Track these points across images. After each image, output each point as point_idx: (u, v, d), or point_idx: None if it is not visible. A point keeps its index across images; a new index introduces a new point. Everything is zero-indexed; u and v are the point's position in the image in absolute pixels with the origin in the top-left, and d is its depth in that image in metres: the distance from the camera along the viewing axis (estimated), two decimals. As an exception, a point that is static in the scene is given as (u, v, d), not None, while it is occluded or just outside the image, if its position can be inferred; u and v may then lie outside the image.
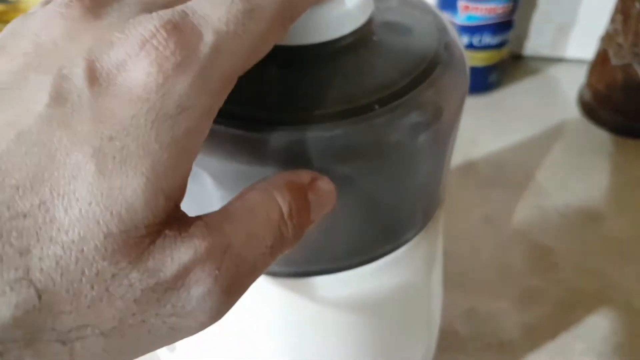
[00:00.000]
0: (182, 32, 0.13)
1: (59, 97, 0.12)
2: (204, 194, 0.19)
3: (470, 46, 0.55)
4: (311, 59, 0.18)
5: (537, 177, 0.50)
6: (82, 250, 0.12)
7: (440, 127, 0.19)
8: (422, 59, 0.19)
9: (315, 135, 0.17)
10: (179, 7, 0.13)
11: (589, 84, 0.56)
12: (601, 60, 0.53)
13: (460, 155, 0.52)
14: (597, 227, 0.45)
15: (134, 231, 0.12)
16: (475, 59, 0.56)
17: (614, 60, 0.51)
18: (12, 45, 0.13)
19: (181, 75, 0.13)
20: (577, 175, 0.50)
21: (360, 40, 0.19)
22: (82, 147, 0.12)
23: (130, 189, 0.12)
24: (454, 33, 0.22)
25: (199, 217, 0.14)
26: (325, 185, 0.17)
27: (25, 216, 0.11)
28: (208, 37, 0.13)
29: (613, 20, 0.51)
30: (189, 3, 0.14)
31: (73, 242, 0.12)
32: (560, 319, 0.39)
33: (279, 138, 0.17)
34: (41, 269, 0.11)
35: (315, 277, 0.22)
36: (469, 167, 0.51)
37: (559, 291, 0.41)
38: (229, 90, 0.14)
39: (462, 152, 0.52)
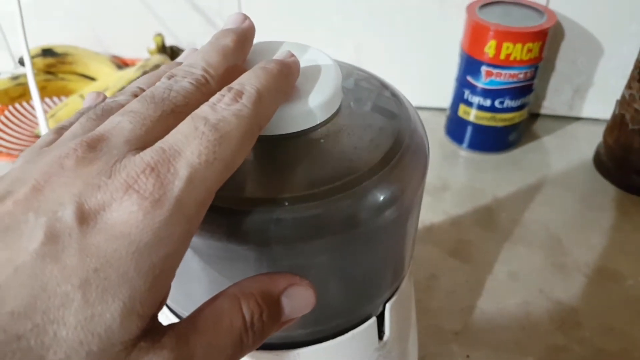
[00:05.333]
0: (159, 172, 0.15)
1: (52, 235, 0.14)
2: (187, 265, 0.20)
3: (492, 108, 0.58)
4: (283, 147, 0.21)
5: (557, 234, 0.52)
6: None
7: (403, 203, 0.21)
8: (385, 145, 0.22)
9: (288, 216, 0.19)
10: (157, 145, 0.16)
11: (606, 144, 0.58)
12: (618, 123, 0.56)
13: (483, 211, 0.54)
14: (618, 287, 0.47)
15: (111, 348, 0.14)
16: (496, 120, 0.59)
17: (632, 125, 0.54)
18: (17, 191, 0.15)
19: (159, 210, 0.15)
20: (596, 234, 0.52)
21: (330, 129, 0.21)
22: (70, 279, 0.14)
23: (109, 313, 0.14)
24: (415, 118, 0.24)
25: (170, 327, 0.16)
26: (302, 290, 0.19)
27: (19, 338, 0.13)
28: (182, 172, 0.15)
29: (630, 86, 0.54)
30: (166, 138, 0.16)
31: None
32: (585, 378, 0.40)
33: (253, 219, 0.19)
34: None
35: (289, 350, 0.24)
36: (492, 223, 0.53)
37: (583, 350, 0.42)
38: (205, 210, 0.16)
39: (485, 207, 0.55)
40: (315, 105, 0.21)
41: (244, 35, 0.21)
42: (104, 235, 0.14)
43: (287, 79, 0.20)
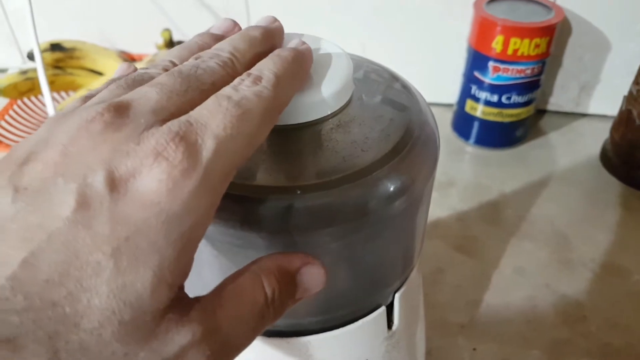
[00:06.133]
0: (187, 142, 0.15)
1: (83, 202, 0.14)
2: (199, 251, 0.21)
3: (499, 104, 0.58)
4: (296, 136, 0.21)
5: (562, 229, 0.52)
6: (101, 335, 0.14)
7: (413, 193, 0.22)
8: (396, 136, 0.22)
9: (300, 205, 0.19)
10: (184, 118, 0.16)
11: (612, 140, 0.58)
12: (625, 119, 0.56)
13: (489, 207, 0.54)
14: (623, 282, 0.47)
15: (142, 317, 0.14)
16: (503, 116, 0.59)
17: (639, 121, 0.54)
18: (44, 153, 0.15)
19: (187, 180, 0.15)
20: (602, 230, 0.52)
21: (342, 119, 0.22)
22: (102, 247, 0.14)
23: (140, 283, 0.14)
24: (426, 110, 0.24)
25: (197, 300, 0.16)
26: (315, 269, 0.19)
27: (54, 305, 0.13)
28: (209, 144, 0.16)
29: (637, 82, 0.54)
30: (192, 112, 0.16)
31: (94, 328, 0.14)
32: (590, 372, 0.41)
33: (266, 207, 0.19)
34: (67, 350, 0.13)
35: (300, 337, 0.24)
36: (498, 218, 0.53)
37: (588, 344, 0.42)
38: (228, 183, 0.17)
39: (491, 203, 0.55)
40: (327, 95, 0.21)
41: (271, 32, 0.22)
42: (134, 203, 0.14)
43: (301, 65, 0.20)
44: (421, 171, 0.22)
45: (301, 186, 0.19)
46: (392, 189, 0.21)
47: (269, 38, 0.21)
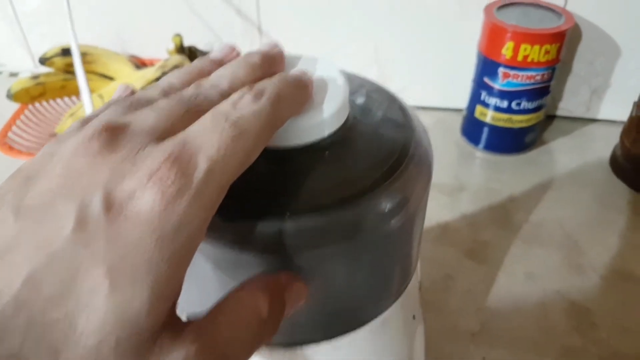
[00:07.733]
0: (181, 163, 0.16)
1: (81, 222, 0.15)
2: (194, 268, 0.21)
3: (509, 110, 0.58)
4: (292, 158, 0.21)
5: (573, 235, 0.52)
6: (100, 351, 0.14)
7: (408, 211, 0.22)
8: (390, 156, 0.22)
9: (294, 227, 0.20)
10: (179, 137, 0.17)
11: (622, 146, 0.58)
12: (636, 124, 0.56)
13: (500, 212, 0.54)
14: (634, 288, 0.47)
15: (139, 335, 0.15)
16: (513, 122, 0.59)
17: (649, 127, 0.54)
18: (43, 172, 0.16)
19: (180, 199, 0.15)
20: (612, 235, 0.52)
21: (337, 141, 0.22)
22: (99, 265, 0.14)
23: (137, 300, 0.15)
24: (420, 129, 0.24)
25: (190, 321, 0.17)
26: (298, 286, 0.20)
27: (56, 322, 0.14)
28: (202, 164, 0.16)
29: (647, 88, 0.54)
30: (187, 131, 0.17)
31: (93, 345, 0.14)
32: (602, 379, 0.40)
33: (261, 229, 0.19)
34: None
35: (298, 348, 0.25)
36: (508, 224, 0.53)
37: (599, 351, 0.42)
38: (220, 200, 0.17)
39: (501, 208, 0.55)
40: (322, 118, 0.21)
41: (271, 57, 0.22)
42: (129, 223, 0.15)
43: (302, 91, 0.21)
44: (415, 190, 0.22)
45: (295, 209, 0.20)
46: (387, 209, 0.21)
47: (269, 64, 0.22)
